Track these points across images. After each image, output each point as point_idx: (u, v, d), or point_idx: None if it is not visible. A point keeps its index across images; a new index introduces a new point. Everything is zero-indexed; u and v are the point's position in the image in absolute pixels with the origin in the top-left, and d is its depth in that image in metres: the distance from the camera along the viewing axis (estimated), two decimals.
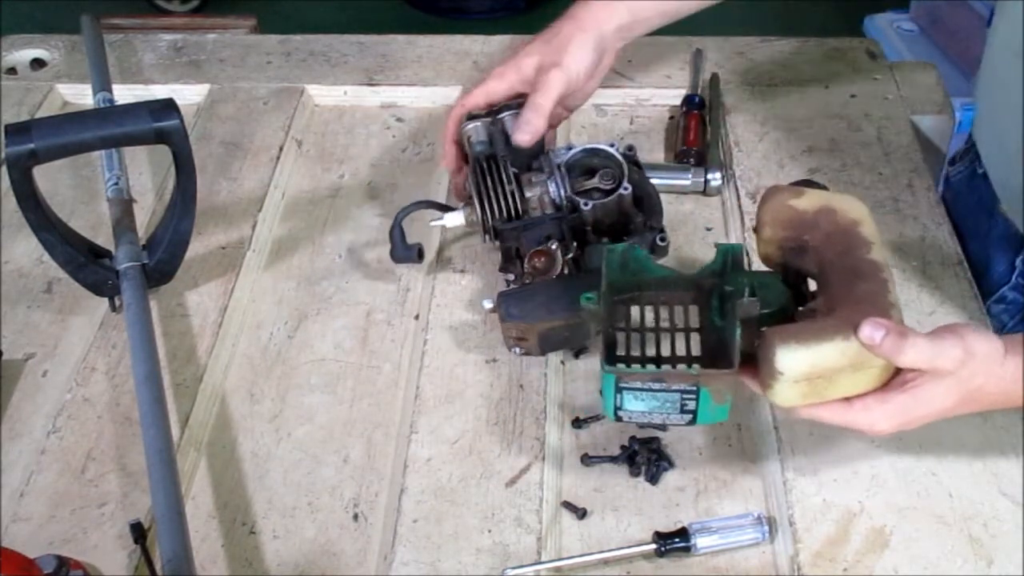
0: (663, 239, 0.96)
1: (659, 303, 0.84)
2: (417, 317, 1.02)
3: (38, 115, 1.26)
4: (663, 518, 0.84)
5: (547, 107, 0.97)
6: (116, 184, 1.08)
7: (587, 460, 0.89)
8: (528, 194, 0.96)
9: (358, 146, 1.24)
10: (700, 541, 0.81)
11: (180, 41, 1.39)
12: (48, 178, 1.11)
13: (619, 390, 0.78)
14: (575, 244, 0.94)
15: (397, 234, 1.02)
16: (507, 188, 0.96)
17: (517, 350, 0.93)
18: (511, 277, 0.96)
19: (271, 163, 1.18)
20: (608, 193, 0.96)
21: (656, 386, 0.77)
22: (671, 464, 0.88)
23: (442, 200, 1.12)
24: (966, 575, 0.78)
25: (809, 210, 0.83)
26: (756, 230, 0.86)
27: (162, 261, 1.01)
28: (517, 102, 1.00)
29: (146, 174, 1.19)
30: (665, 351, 0.82)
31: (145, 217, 1.11)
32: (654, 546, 0.81)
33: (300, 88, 1.29)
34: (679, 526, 0.82)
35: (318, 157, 1.22)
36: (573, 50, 0.99)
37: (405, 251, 1.02)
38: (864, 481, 0.84)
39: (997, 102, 1.06)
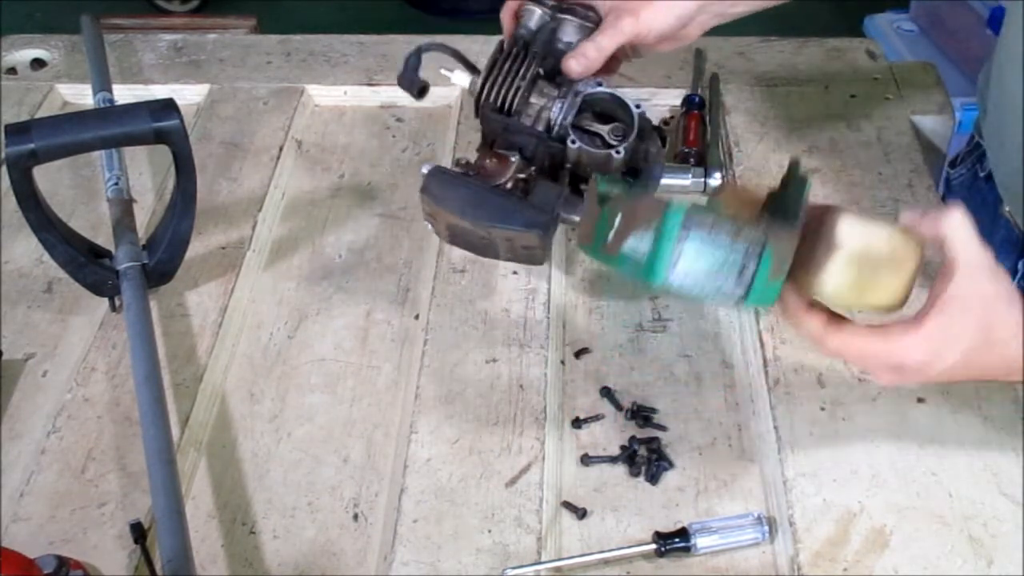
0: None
1: None
2: (417, 317, 1.02)
3: (38, 115, 1.26)
4: (663, 518, 0.84)
5: (608, 51, 0.93)
6: (116, 184, 1.08)
7: (587, 460, 0.89)
8: (532, 100, 0.92)
9: (358, 146, 1.24)
10: (700, 541, 0.81)
11: (180, 41, 1.39)
12: (48, 178, 1.11)
13: (683, 239, 0.69)
14: (532, 168, 0.90)
15: (413, 60, 0.97)
16: (516, 82, 0.91)
17: (429, 227, 0.91)
18: (460, 160, 0.92)
19: (271, 163, 1.18)
20: (606, 147, 0.91)
21: (724, 233, 0.69)
22: (671, 464, 0.88)
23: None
24: (966, 575, 0.78)
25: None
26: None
27: (162, 261, 1.01)
28: (584, 11, 0.94)
29: (146, 174, 1.19)
30: None
31: (145, 217, 1.11)
32: (654, 546, 0.81)
33: (300, 88, 1.29)
34: (679, 526, 0.82)
35: (318, 157, 1.22)
36: (657, 9, 0.93)
37: (411, 78, 0.97)
38: (864, 481, 0.84)
39: (1003, 104, 1.06)
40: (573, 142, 0.90)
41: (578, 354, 0.97)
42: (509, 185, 0.88)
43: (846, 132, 1.19)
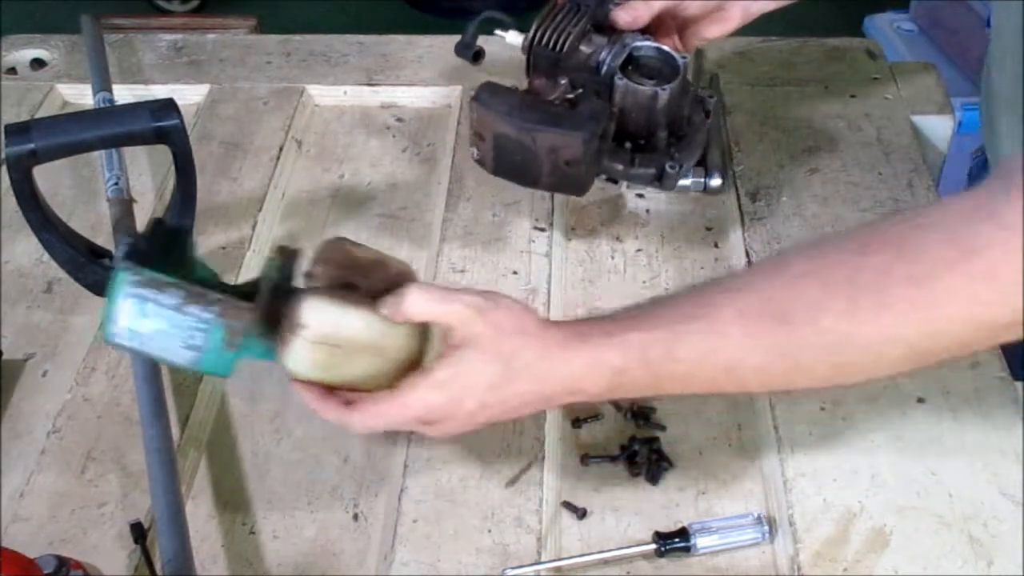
0: (673, 167, 0.96)
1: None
2: None
3: (38, 115, 1.26)
4: (663, 518, 0.84)
5: (655, 7, 0.99)
6: (116, 184, 1.08)
7: (587, 460, 0.88)
8: (582, 48, 0.98)
9: (358, 146, 1.24)
10: (700, 541, 0.81)
11: (180, 41, 1.39)
12: (48, 178, 1.10)
13: (130, 296, 0.69)
14: (580, 90, 0.95)
15: (472, 28, 1.06)
16: (568, 28, 0.97)
17: (474, 152, 0.95)
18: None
19: (271, 163, 1.18)
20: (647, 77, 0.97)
21: (172, 301, 0.69)
22: (671, 464, 0.88)
23: (442, 197, 1.12)
24: (966, 575, 0.78)
25: (365, 258, 0.81)
26: (310, 271, 0.81)
27: None
28: None
29: (146, 174, 1.19)
30: None
31: (145, 217, 1.11)
32: (654, 546, 0.81)
33: (300, 88, 1.29)
34: (679, 526, 0.82)
35: (318, 157, 1.22)
36: None
37: (466, 46, 1.08)
38: (864, 481, 0.84)
39: (993, 94, 1.06)
40: (620, 79, 0.95)
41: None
42: (556, 101, 0.93)
43: (846, 132, 1.19)
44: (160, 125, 0.93)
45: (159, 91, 1.27)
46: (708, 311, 0.71)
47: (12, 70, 1.38)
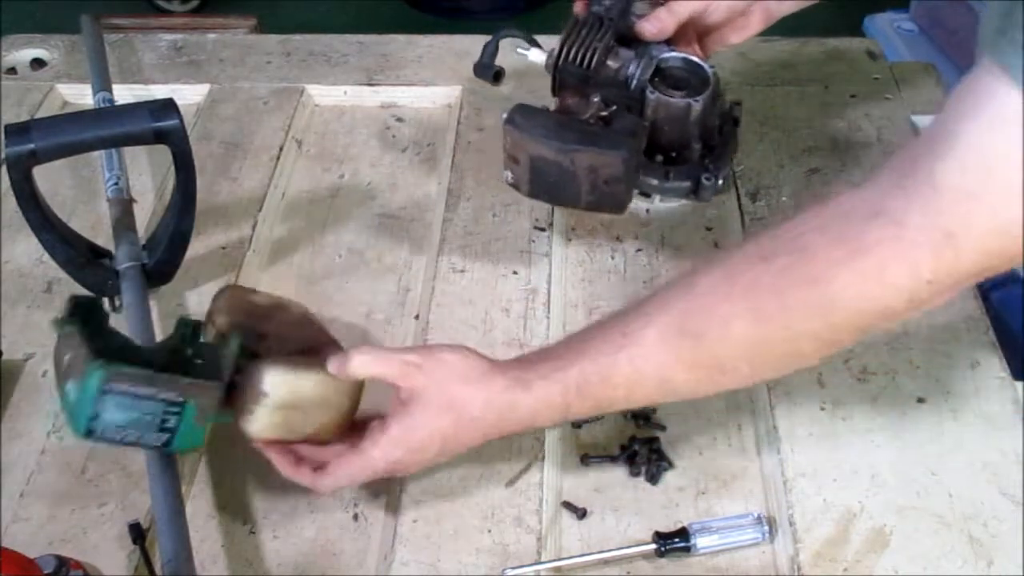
0: (709, 179, 0.95)
1: None
2: (417, 317, 1.02)
3: (38, 115, 1.26)
4: (663, 518, 0.84)
5: (681, 15, 0.98)
6: (116, 184, 1.08)
7: (587, 460, 0.88)
8: (609, 63, 0.96)
9: (358, 146, 1.24)
10: (700, 541, 0.81)
11: (180, 41, 1.39)
12: (48, 178, 1.10)
13: (103, 393, 0.72)
14: (614, 107, 0.94)
15: (491, 47, 1.03)
16: (594, 43, 0.96)
17: (508, 176, 0.94)
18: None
19: (271, 163, 1.18)
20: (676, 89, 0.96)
21: (144, 391, 0.73)
22: (671, 464, 0.88)
23: (442, 197, 1.12)
24: (966, 575, 0.78)
25: (264, 304, 0.88)
26: (207, 322, 0.87)
27: (162, 261, 1.01)
28: None
29: (146, 174, 1.19)
30: None
31: (145, 217, 1.11)
32: (654, 546, 0.81)
33: (300, 88, 1.29)
34: (679, 526, 0.82)
35: (318, 157, 1.22)
36: None
37: (486, 67, 1.05)
38: (864, 481, 0.84)
39: None
40: (652, 92, 0.94)
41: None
42: (590, 120, 0.92)
43: (846, 132, 1.19)
44: (160, 125, 0.93)
45: (159, 91, 1.27)
46: (631, 339, 0.75)
47: (12, 70, 1.38)
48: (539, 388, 0.77)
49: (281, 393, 0.77)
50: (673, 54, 0.97)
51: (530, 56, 1.02)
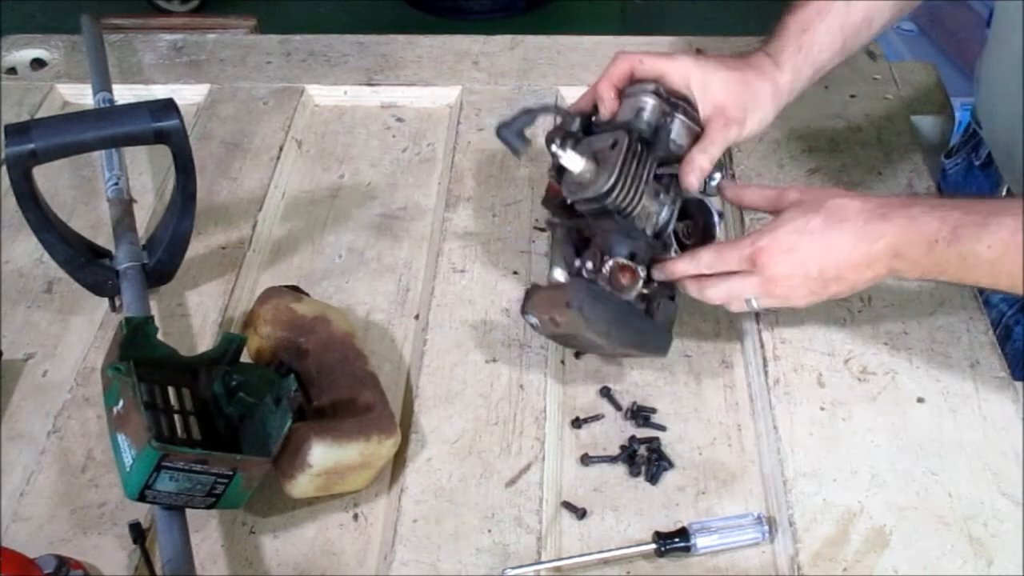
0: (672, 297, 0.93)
1: (153, 381, 0.84)
2: (417, 317, 1.02)
3: (38, 115, 1.26)
4: (663, 518, 0.84)
5: (716, 157, 0.93)
6: (116, 184, 1.08)
7: (587, 460, 0.89)
8: (644, 203, 0.90)
9: (358, 146, 1.24)
10: (700, 541, 0.81)
11: (180, 41, 1.39)
12: (48, 178, 1.11)
13: (158, 469, 0.75)
14: (654, 284, 0.91)
15: (526, 119, 0.92)
16: (641, 187, 0.89)
17: (532, 320, 0.89)
18: (586, 265, 0.90)
19: (271, 163, 1.18)
20: (681, 246, 0.93)
21: (198, 468, 0.77)
22: (671, 464, 0.88)
23: (442, 197, 1.12)
24: (966, 575, 0.78)
25: (308, 315, 0.91)
26: (250, 326, 0.91)
27: (162, 261, 1.01)
28: (688, 107, 0.93)
29: (146, 174, 1.19)
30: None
31: (145, 217, 1.11)
32: (654, 546, 0.81)
33: (300, 88, 1.29)
34: (679, 526, 0.82)
35: (318, 157, 1.22)
36: (761, 117, 0.95)
37: (516, 136, 0.93)
38: (864, 481, 0.84)
39: (994, 78, 1.07)
40: (676, 251, 0.92)
41: (578, 354, 0.97)
42: (634, 300, 0.90)
43: (846, 132, 1.19)
44: (160, 125, 0.93)
45: (159, 91, 1.27)
46: (1018, 212, 0.77)
47: (12, 70, 1.38)
48: (916, 210, 0.81)
49: (325, 464, 0.81)
50: (695, 195, 0.93)
51: (564, 160, 0.89)
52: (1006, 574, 0.78)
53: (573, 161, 0.89)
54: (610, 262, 0.88)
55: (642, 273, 0.89)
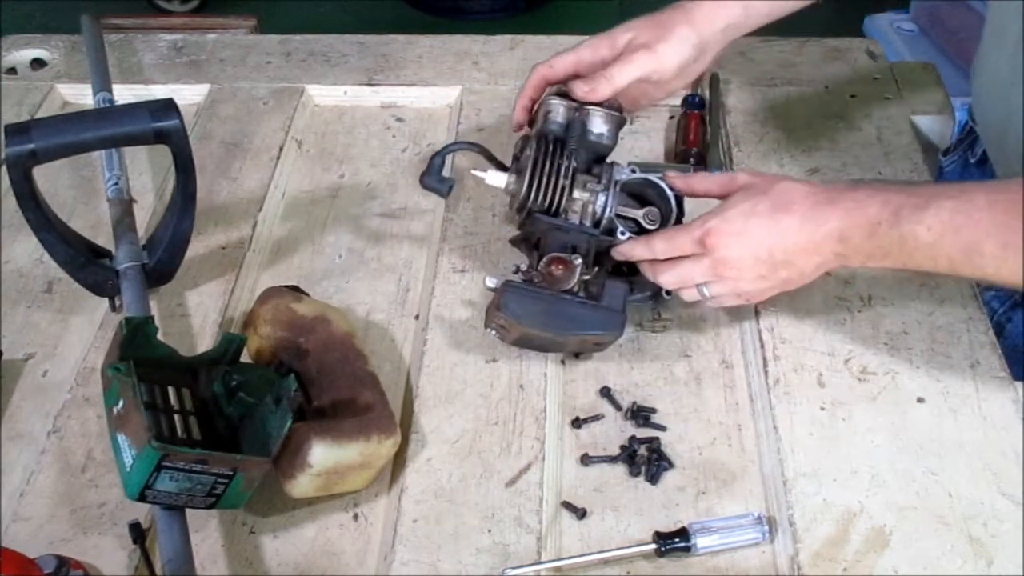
0: (669, 293, 0.95)
1: (153, 381, 0.84)
2: (417, 317, 1.02)
3: (38, 115, 1.26)
4: (663, 518, 0.84)
5: (619, 82, 0.95)
6: (116, 184, 1.08)
7: (587, 460, 0.89)
8: (576, 195, 0.94)
9: (358, 146, 1.24)
10: (700, 541, 0.81)
11: (180, 41, 1.39)
12: (48, 178, 1.11)
13: (159, 469, 0.75)
14: (595, 267, 0.94)
15: (437, 161, 0.98)
16: (560, 181, 0.93)
17: (492, 332, 0.94)
18: (520, 267, 0.94)
19: (271, 163, 1.18)
20: (643, 232, 0.94)
21: (198, 467, 0.77)
22: (671, 464, 0.88)
23: (443, 200, 1.12)
24: (966, 575, 0.78)
25: (308, 315, 0.91)
26: (250, 326, 0.91)
27: (162, 261, 1.01)
28: (608, 101, 0.96)
29: (146, 174, 1.19)
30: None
31: (145, 217, 1.11)
32: (654, 546, 0.81)
33: (300, 88, 1.29)
34: (679, 526, 0.82)
35: (318, 157, 1.22)
36: (672, 39, 0.96)
37: (438, 181, 0.99)
38: (864, 481, 0.84)
39: (987, 78, 1.07)
40: (623, 233, 0.93)
41: (578, 354, 0.97)
42: (576, 288, 0.91)
43: (846, 132, 1.19)
44: (160, 125, 0.93)
45: (159, 91, 1.27)
46: (960, 193, 0.79)
47: (12, 70, 1.38)
48: (861, 194, 0.82)
49: (325, 464, 0.81)
50: (636, 176, 0.95)
51: (488, 179, 0.96)
52: (1006, 574, 0.78)
53: (496, 179, 0.96)
54: (545, 258, 0.92)
55: (576, 262, 0.91)
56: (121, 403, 0.79)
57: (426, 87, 1.29)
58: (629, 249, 0.92)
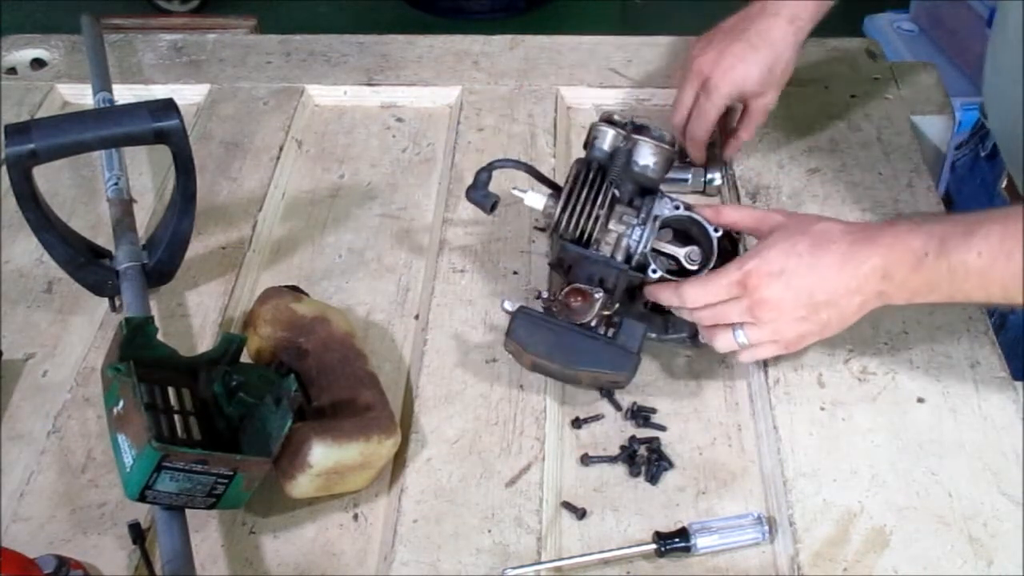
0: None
1: (153, 381, 0.84)
2: (417, 317, 1.02)
3: (38, 115, 1.26)
4: (663, 518, 0.84)
5: (712, 118, 1.06)
6: (116, 184, 1.08)
7: (587, 460, 0.89)
8: (611, 227, 0.91)
9: (358, 146, 1.24)
10: (700, 541, 0.81)
11: (180, 41, 1.39)
12: (48, 178, 1.11)
13: (159, 469, 0.75)
14: (617, 305, 0.91)
15: (483, 177, 0.95)
16: (595, 211, 0.90)
17: (511, 354, 0.93)
18: (542, 294, 0.93)
19: (271, 163, 1.18)
20: (683, 273, 0.92)
21: (198, 468, 0.77)
22: (671, 464, 0.88)
23: (442, 197, 1.12)
24: (966, 575, 0.78)
25: (308, 315, 0.91)
26: (250, 326, 0.91)
27: (162, 261, 1.01)
28: (657, 129, 0.93)
29: (146, 174, 1.19)
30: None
31: (145, 217, 1.11)
32: (654, 546, 0.81)
33: (300, 88, 1.29)
34: (679, 526, 0.82)
35: (318, 157, 1.22)
36: (776, 81, 1.06)
37: (483, 197, 0.96)
38: (864, 481, 0.84)
39: (1000, 67, 1.07)
40: (654, 271, 0.91)
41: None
42: (594, 322, 0.89)
43: (846, 132, 1.19)
44: (160, 125, 0.93)
45: (159, 91, 1.27)
46: (1005, 218, 0.77)
47: (12, 70, 1.38)
48: (902, 228, 0.80)
49: (326, 464, 0.81)
50: (678, 213, 0.93)
51: (527, 200, 0.94)
52: (1006, 574, 0.78)
53: (535, 200, 0.94)
54: (566, 288, 0.90)
55: (598, 296, 0.89)
56: (121, 403, 0.79)
57: (426, 87, 1.29)
58: (656, 292, 0.89)
